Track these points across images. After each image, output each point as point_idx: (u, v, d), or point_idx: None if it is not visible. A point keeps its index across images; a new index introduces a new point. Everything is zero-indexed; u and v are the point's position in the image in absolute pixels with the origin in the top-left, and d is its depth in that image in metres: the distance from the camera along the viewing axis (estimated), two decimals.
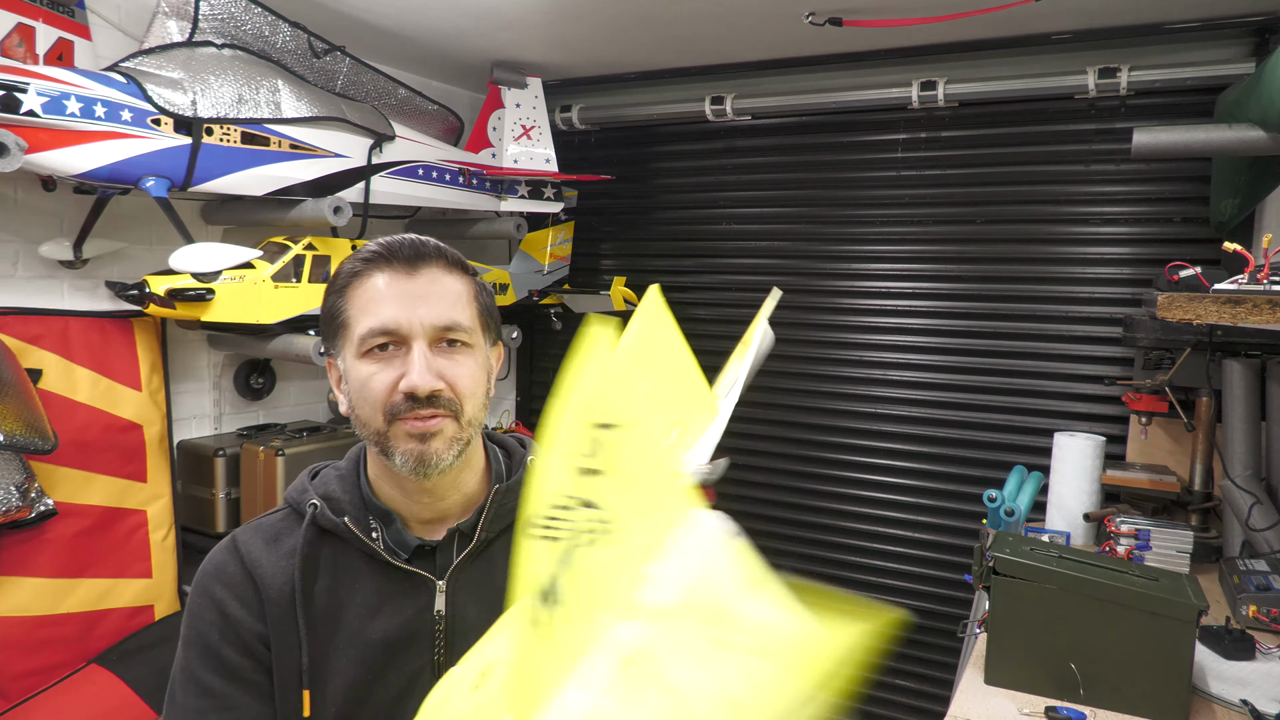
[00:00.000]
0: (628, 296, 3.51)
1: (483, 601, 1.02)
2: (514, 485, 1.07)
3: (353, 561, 1.00)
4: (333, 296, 1.01)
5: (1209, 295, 1.43)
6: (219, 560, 1.01)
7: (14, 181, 2.27)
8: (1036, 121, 2.99)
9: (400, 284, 0.97)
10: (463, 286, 1.01)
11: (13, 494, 2.02)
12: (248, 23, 2.46)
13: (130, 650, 2.40)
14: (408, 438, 0.96)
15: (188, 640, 0.99)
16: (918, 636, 3.25)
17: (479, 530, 1.03)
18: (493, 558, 1.04)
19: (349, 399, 1.01)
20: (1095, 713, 1.55)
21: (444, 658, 0.99)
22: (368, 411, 0.97)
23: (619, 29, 2.89)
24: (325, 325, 1.03)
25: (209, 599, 0.99)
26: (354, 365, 0.98)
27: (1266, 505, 2.20)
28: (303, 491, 1.04)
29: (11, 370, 2.12)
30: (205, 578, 1.01)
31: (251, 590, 0.98)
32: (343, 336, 0.99)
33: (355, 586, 0.99)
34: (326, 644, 0.97)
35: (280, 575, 0.98)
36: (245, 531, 1.03)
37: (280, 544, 1.01)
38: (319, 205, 2.59)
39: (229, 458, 2.65)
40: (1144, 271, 2.84)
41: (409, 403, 0.95)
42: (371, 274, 0.98)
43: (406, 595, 1.00)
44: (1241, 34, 2.64)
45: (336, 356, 1.02)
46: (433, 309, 0.97)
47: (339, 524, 1.00)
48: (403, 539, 1.01)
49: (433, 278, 0.99)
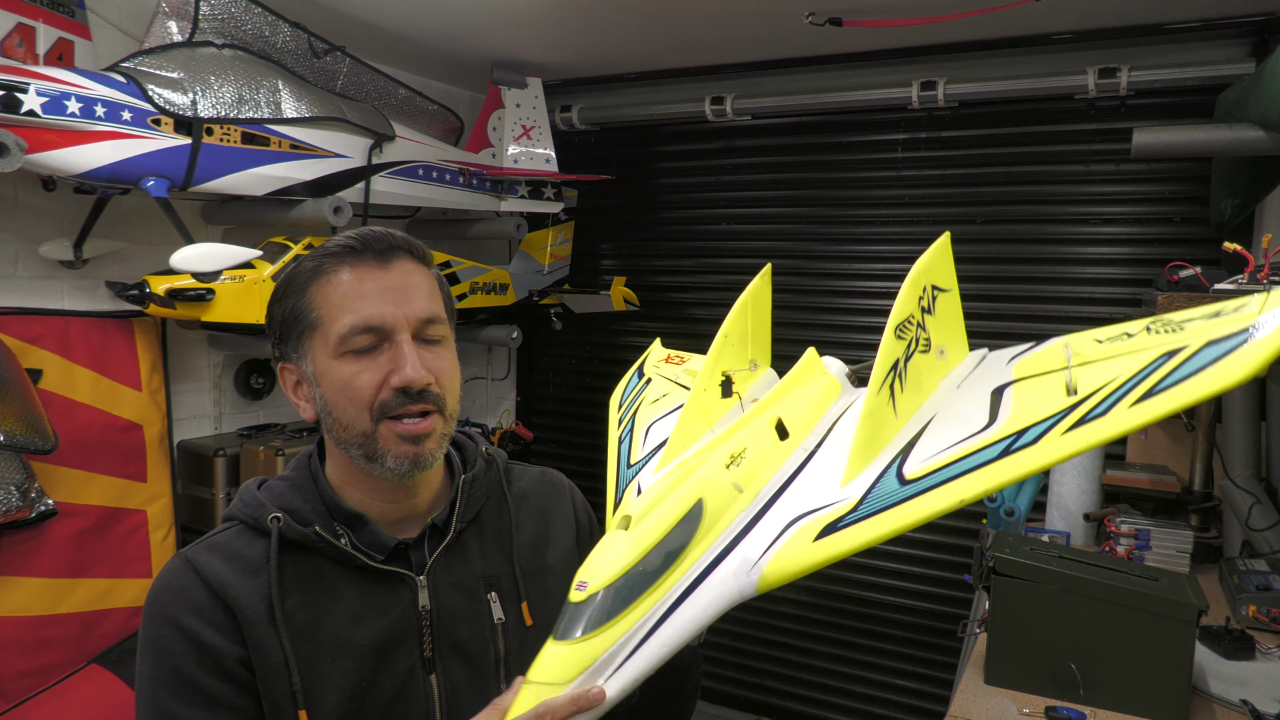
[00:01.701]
0: (628, 296, 3.51)
1: (463, 589, 1.02)
2: (479, 474, 1.07)
3: (325, 570, 0.96)
4: (292, 297, 0.96)
5: (1209, 295, 1.43)
6: (179, 586, 0.93)
7: (14, 181, 2.28)
8: (1036, 121, 2.99)
9: (376, 277, 0.94)
10: (431, 279, 1.00)
11: (13, 494, 2.01)
12: (248, 23, 2.46)
13: (130, 650, 2.38)
14: (399, 440, 0.94)
15: (158, 677, 0.90)
16: (918, 636, 3.26)
17: (454, 522, 1.03)
18: (465, 545, 1.04)
19: (321, 402, 0.96)
20: (1095, 713, 1.55)
21: (433, 652, 0.98)
22: (352, 413, 0.94)
23: (619, 29, 2.89)
24: (285, 328, 0.97)
25: (177, 629, 0.90)
26: (331, 366, 0.94)
27: (1266, 505, 2.20)
28: (258, 506, 0.97)
29: (12, 370, 2.12)
30: (166, 607, 0.92)
31: (224, 614, 0.91)
32: (312, 337, 0.95)
33: (334, 595, 0.96)
34: (313, 659, 0.93)
35: (253, 595, 0.92)
36: (198, 552, 0.95)
37: (241, 561, 0.94)
38: (319, 205, 2.59)
39: (229, 458, 2.66)
40: (1144, 271, 2.84)
41: (401, 398, 0.93)
42: (339, 270, 0.94)
43: (389, 595, 0.98)
44: (1241, 34, 2.64)
45: (300, 360, 0.97)
46: (413, 302, 0.95)
47: (308, 534, 0.95)
48: (378, 540, 0.99)
49: (405, 270, 0.96)
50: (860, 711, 3.40)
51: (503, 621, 1.02)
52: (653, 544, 0.80)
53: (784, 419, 0.95)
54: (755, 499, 0.87)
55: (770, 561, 0.79)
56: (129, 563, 2.47)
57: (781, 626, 3.49)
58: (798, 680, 3.51)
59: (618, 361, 3.87)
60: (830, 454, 0.91)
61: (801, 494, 0.87)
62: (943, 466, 0.76)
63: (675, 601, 0.79)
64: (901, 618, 3.29)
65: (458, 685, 0.99)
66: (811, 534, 0.79)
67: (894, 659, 3.32)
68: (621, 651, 0.76)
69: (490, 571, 1.04)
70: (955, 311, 1.02)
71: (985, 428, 0.79)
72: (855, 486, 0.81)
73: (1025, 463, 0.73)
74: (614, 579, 0.78)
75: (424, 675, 0.98)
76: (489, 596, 1.03)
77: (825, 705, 3.46)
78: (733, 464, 0.87)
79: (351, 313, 0.93)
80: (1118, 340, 0.77)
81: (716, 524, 0.83)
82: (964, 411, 0.84)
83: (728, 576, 0.80)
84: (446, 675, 0.99)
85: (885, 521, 0.76)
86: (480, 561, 1.04)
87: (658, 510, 0.82)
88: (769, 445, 0.92)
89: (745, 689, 3.60)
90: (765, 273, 1.13)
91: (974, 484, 0.73)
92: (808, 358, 1.07)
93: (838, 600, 3.39)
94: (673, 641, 0.77)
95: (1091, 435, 0.70)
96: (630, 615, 0.77)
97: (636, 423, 1.20)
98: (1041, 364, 0.84)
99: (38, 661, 2.24)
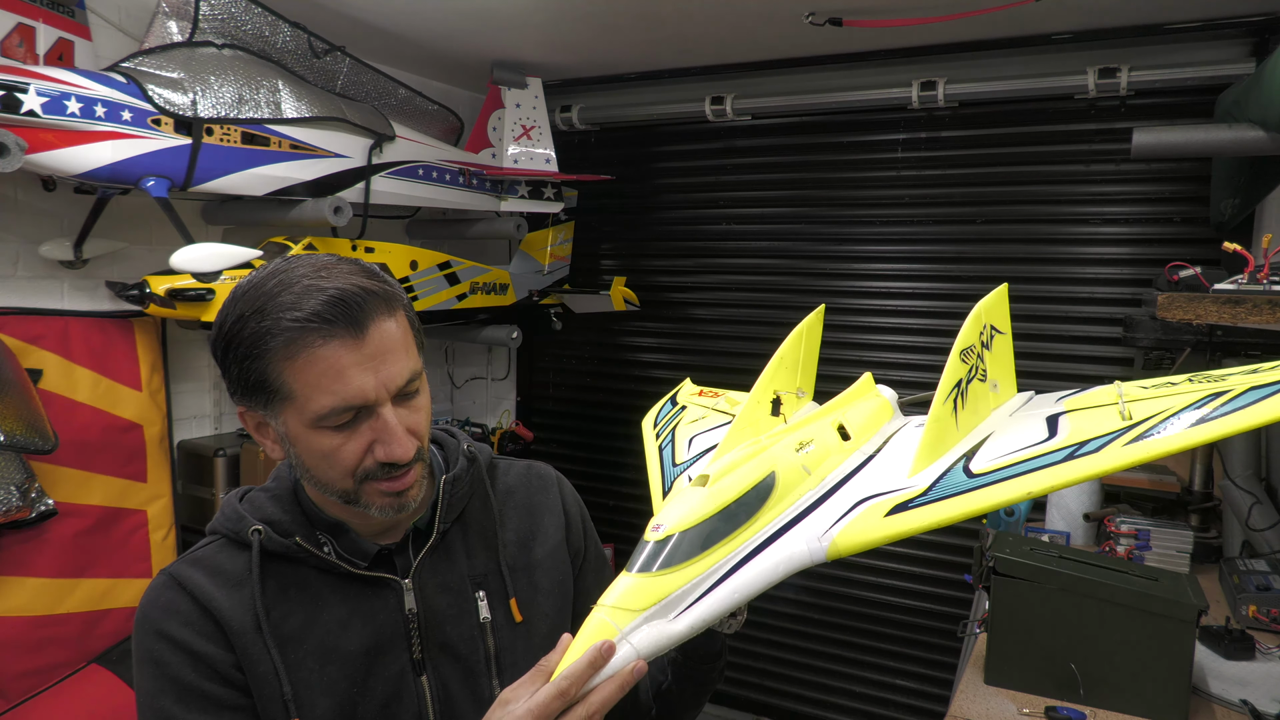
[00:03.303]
0: (628, 296, 3.51)
1: (450, 590, 1.02)
2: (460, 474, 1.06)
3: (309, 580, 0.97)
4: (256, 362, 0.88)
5: (1209, 295, 1.43)
6: (166, 601, 0.93)
7: (14, 181, 2.27)
8: (1036, 121, 2.99)
9: (353, 351, 0.87)
10: (404, 324, 0.93)
11: (13, 494, 2.01)
12: (248, 23, 2.46)
13: (130, 650, 2.39)
14: (383, 495, 0.93)
15: (159, 690, 0.91)
16: (918, 636, 3.26)
17: (437, 523, 1.03)
18: (450, 546, 1.04)
19: (297, 459, 0.94)
20: (1095, 713, 1.55)
21: (422, 654, 0.99)
22: (334, 476, 0.92)
23: (619, 29, 2.89)
24: (246, 387, 0.90)
25: (170, 642, 0.91)
26: (305, 435, 0.90)
27: (1266, 505, 2.20)
28: (239, 519, 0.97)
29: (12, 370, 2.12)
30: (156, 622, 0.93)
31: (213, 626, 0.92)
32: (283, 407, 0.90)
33: (319, 603, 0.96)
34: (301, 667, 0.93)
35: (238, 607, 0.93)
36: (181, 568, 0.96)
37: (224, 575, 0.95)
38: (319, 205, 2.59)
39: (229, 458, 2.65)
40: (1144, 271, 2.84)
41: (385, 469, 0.92)
42: (312, 344, 0.86)
43: (374, 601, 0.98)
44: (1241, 34, 2.64)
45: (269, 417, 0.92)
46: (392, 370, 0.90)
47: (289, 545, 0.95)
48: (360, 547, 0.99)
49: (380, 332, 0.89)
50: (860, 711, 3.40)
51: (490, 620, 1.02)
52: (729, 501, 0.84)
53: (845, 424, 1.03)
54: (823, 482, 0.94)
55: (842, 531, 0.86)
56: (129, 563, 2.47)
57: (781, 626, 3.49)
58: (798, 680, 3.51)
59: (618, 361, 3.87)
60: (890, 457, 0.99)
61: (868, 481, 0.94)
62: (1009, 465, 0.85)
63: (748, 555, 0.84)
64: (901, 618, 3.29)
65: (449, 685, 0.99)
66: (882, 511, 0.86)
67: (894, 659, 3.32)
68: (694, 591, 0.80)
69: (477, 570, 1.04)
70: (1008, 353, 1.12)
71: (1046, 439, 0.88)
72: (923, 477, 0.89)
73: (1089, 466, 0.80)
74: (691, 525, 0.82)
75: (414, 677, 0.98)
76: (476, 595, 1.03)
77: (825, 705, 3.46)
78: (801, 449, 0.94)
79: (330, 394, 0.87)
80: (1163, 387, 0.88)
81: (787, 496, 0.89)
82: (1022, 430, 0.93)
83: (799, 540, 0.86)
84: (437, 676, 0.99)
85: (954, 505, 0.83)
86: (466, 561, 1.04)
87: (735, 473, 0.87)
88: (833, 441, 1.00)
89: (745, 689, 3.60)
90: (819, 312, 1.18)
91: (1040, 480, 0.81)
92: (864, 380, 1.16)
93: (838, 600, 3.39)
94: (743, 590, 0.82)
95: (1151, 448, 0.78)
96: (705, 560, 0.81)
97: (677, 435, 1.25)
98: (1090, 400, 0.94)
99: (38, 661, 2.24)
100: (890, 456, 0.99)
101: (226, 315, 0.90)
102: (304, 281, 0.88)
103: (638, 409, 4.12)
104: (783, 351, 1.10)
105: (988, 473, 0.85)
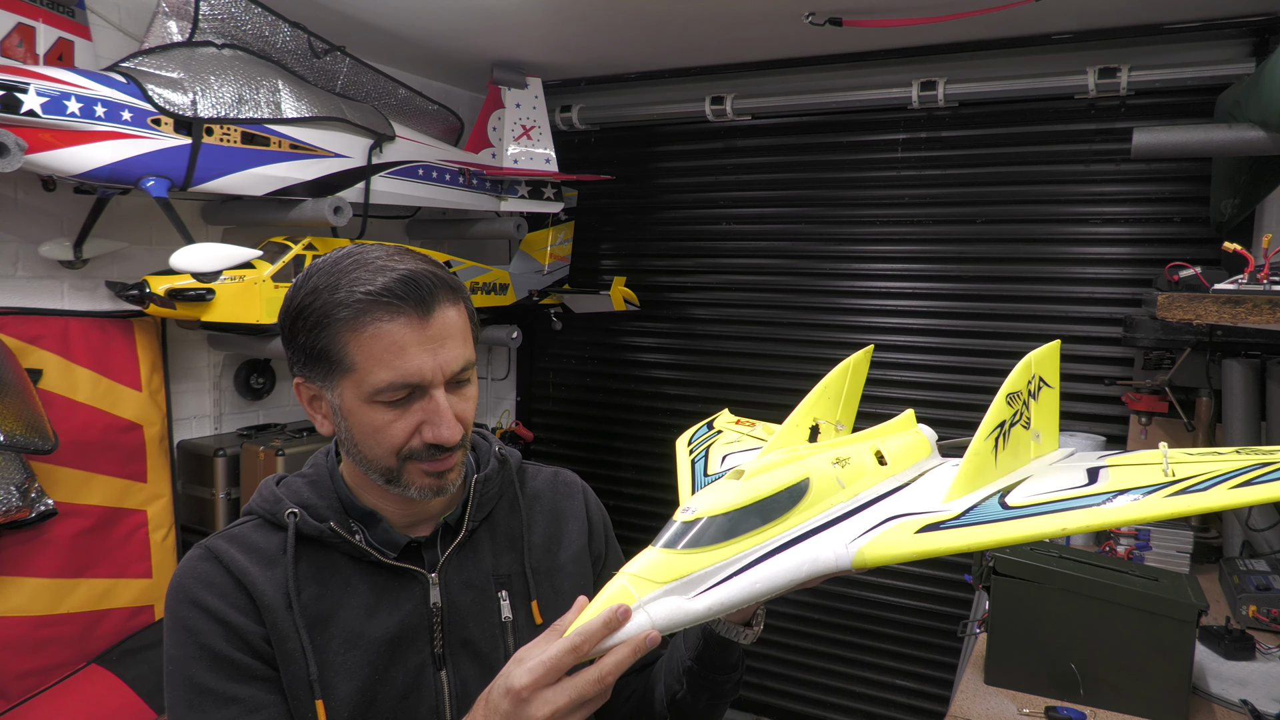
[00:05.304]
0: (628, 296, 3.51)
1: (474, 588, 1.04)
2: (491, 475, 1.09)
3: (339, 565, 0.99)
4: (324, 331, 0.92)
5: (1209, 295, 1.43)
6: (201, 572, 0.96)
7: (14, 181, 2.27)
8: (1036, 121, 2.99)
9: (417, 331, 0.91)
10: (464, 315, 0.97)
11: (13, 494, 2.01)
12: (248, 23, 2.46)
13: (130, 650, 2.40)
14: (424, 475, 0.96)
15: (190, 656, 0.93)
16: (918, 636, 3.26)
17: (466, 521, 1.05)
18: (477, 544, 1.06)
19: (346, 433, 0.97)
20: (1095, 713, 1.55)
21: (444, 649, 1.00)
22: (379, 452, 0.95)
23: (619, 29, 2.89)
24: (310, 356, 0.94)
25: (202, 611, 0.93)
26: (359, 409, 0.94)
27: (1266, 505, 2.20)
28: (276, 501, 1.00)
29: (11, 370, 2.12)
30: (190, 591, 0.95)
31: (245, 598, 0.94)
32: (342, 377, 0.93)
33: (347, 589, 0.98)
34: (326, 650, 0.96)
35: (271, 584, 0.95)
36: (218, 541, 0.99)
37: (259, 553, 0.97)
38: (319, 205, 2.59)
39: (229, 458, 2.66)
40: (1144, 271, 2.84)
41: (431, 450, 0.94)
42: (379, 318, 0.90)
43: (401, 591, 1.00)
44: (1241, 34, 2.64)
45: (325, 388, 0.96)
46: (450, 354, 0.94)
47: (324, 529, 0.98)
48: (391, 538, 1.01)
49: (444, 318, 0.94)
50: (860, 711, 3.40)
51: (511, 620, 1.04)
52: (761, 496, 0.86)
53: (883, 451, 1.04)
54: (856, 496, 0.95)
55: (871, 541, 0.87)
56: (129, 563, 2.47)
57: (781, 626, 3.49)
58: (798, 680, 3.51)
59: (618, 362, 3.87)
60: (925, 486, 1.00)
61: (901, 502, 0.95)
62: (1046, 502, 0.86)
63: (774, 549, 0.85)
64: (901, 618, 3.29)
65: (467, 682, 1.01)
66: (913, 527, 0.87)
67: (894, 659, 3.32)
68: (717, 574, 0.81)
69: (501, 571, 1.06)
70: (1054, 407, 1.12)
71: (1086, 485, 0.89)
72: (958, 504, 0.91)
73: (1126, 513, 0.81)
74: (721, 512, 0.83)
75: (434, 671, 1.00)
76: (499, 595, 1.05)
77: (825, 705, 3.46)
78: (838, 464, 0.96)
79: (390, 369, 0.91)
80: (1208, 454, 0.89)
81: (819, 503, 0.91)
82: (1062, 475, 0.94)
83: (826, 544, 0.87)
84: (457, 672, 1.01)
85: (986, 532, 0.84)
86: (492, 560, 1.06)
87: (771, 473, 0.89)
88: (870, 464, 1.01)
89: (745, 689, 3.59)
90: (867, 351, 1.21)
91: (1077, 519, 0.82)
92: (906, 415, 1.17)
93: (838, 600, 3.39)
94: (764, 583, 0.83)
95: (1193, 502, 0.80)
96: (731, 547, 0.82)
97: (711, 452, 1.26)
98: (1134, 459, 0.95)
99: (38, 661, 2.24)
100: (925, 486, 1.00)
101: (300, 287, 0.95)
102: (378, 262, 0.93)
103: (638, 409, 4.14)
104: (827, 381, 1.12)
105: (1024, 506, 0.86)
